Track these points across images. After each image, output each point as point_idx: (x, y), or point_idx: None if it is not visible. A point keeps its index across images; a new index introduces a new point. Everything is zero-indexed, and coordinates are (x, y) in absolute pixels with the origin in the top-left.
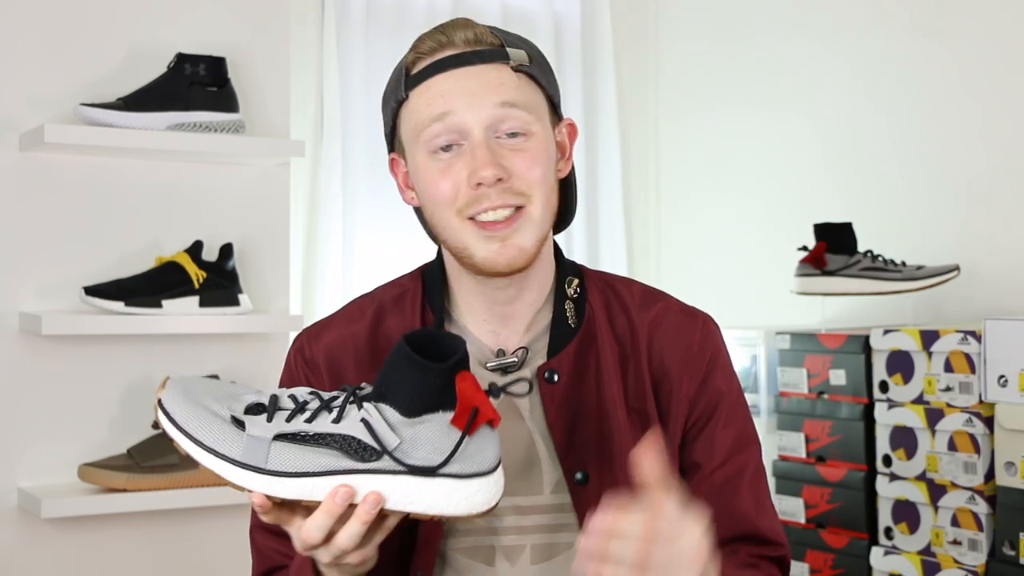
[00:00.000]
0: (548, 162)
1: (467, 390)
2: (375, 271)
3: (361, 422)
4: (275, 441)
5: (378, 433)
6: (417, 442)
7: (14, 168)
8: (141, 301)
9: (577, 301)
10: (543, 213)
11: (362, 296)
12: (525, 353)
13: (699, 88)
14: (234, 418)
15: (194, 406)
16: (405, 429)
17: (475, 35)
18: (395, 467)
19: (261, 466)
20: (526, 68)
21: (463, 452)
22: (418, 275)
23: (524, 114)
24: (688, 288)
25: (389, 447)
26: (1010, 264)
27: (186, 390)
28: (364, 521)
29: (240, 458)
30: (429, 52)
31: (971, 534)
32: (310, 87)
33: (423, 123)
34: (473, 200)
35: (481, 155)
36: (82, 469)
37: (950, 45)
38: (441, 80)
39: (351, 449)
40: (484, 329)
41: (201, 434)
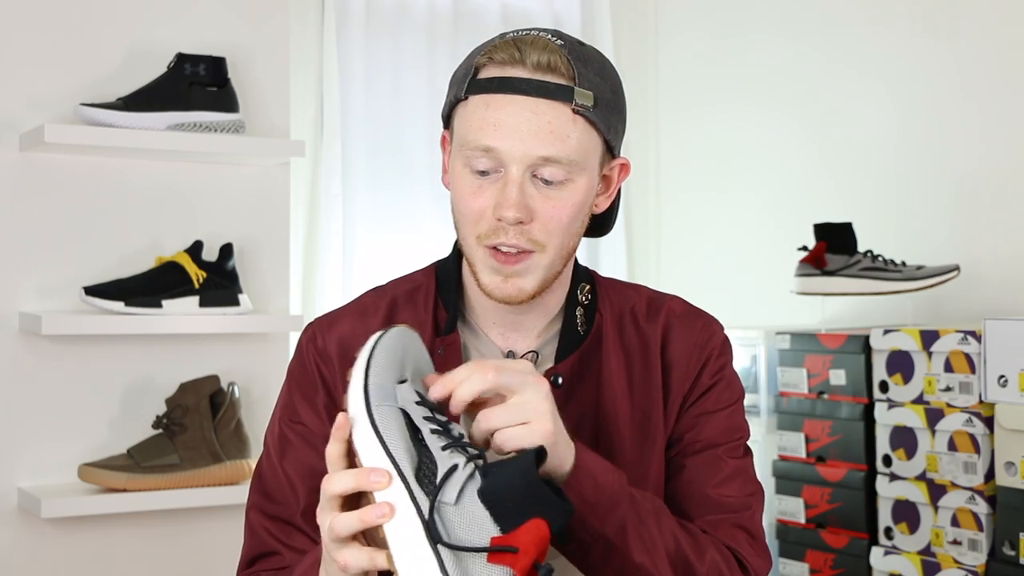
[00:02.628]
0: (579, 208)
1: (529, 538)
2: (375, 271)
3: (451, 466)
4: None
5: (447, 484)
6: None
7: (14, 168)
8: (141, 301)
9: (588, 308)
10: (554, 259)
11: (374, 289)
12: (535, 357)
13: (699, 87)
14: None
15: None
16: (467, 502)
17: (548, 62)
18: (425, 512)
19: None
20: (585, 112)
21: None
22: (432, 271)
23: (563, 170)
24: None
25: (441, 497)
26: (1010, 264)
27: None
28: (362, 519)
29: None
30: (500, 63)
31: (971, 534)
32: (310, 87)
33: (469, 143)
34: (492, 231)
35: (510, 194)
36: (82, 469)
37: (951, 45)
38: (500, 102)
39: (425, 466)
40: (495, 331)
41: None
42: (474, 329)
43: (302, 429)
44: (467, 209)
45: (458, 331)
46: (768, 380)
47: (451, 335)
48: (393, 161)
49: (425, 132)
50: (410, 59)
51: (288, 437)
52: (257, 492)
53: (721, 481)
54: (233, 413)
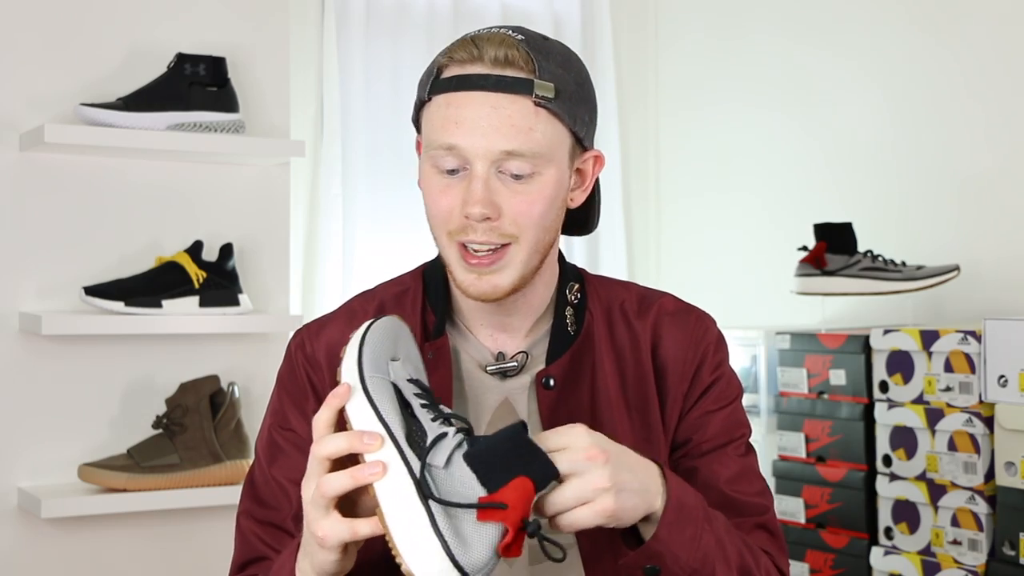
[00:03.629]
0: (550, 201)
1: (515, 496)
2: (375, 271)
3: (440, 433)
4: (392, 384)
5: (437, 446)
6: (449, 480)
7: (14, 168)
8: (141, 301)
9: (577, 307)
10: (530, 253)
11: (362, 293)
12: (525, 357)
13: (699, 87)
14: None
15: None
16: (456, 466)
17: (506, 56)
18: (416, 471)
19: (365, 375)
20: (547, 104)
21: (460, 522)
22: (419, 274)
23: (529, 162)
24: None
25: (431, 460)
26: (1010, 264)
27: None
28: (353, 477)
29: (366, 370)
30: (460, 62)
31: (971, 534)
32: (310, 87)
33: (432, 143)
34: (462, 228)
35: (475, 190)
36: (82, 469)
37: (951, 44)
38: (459, 100)
39: (414, 432)
40: (483, 332)
41: (365, 347)
42: (462, 331)
43: (292, 436)
44: (436, 208)
45: (447, 334)
46: (768, 380)
47: (439, 339)
48: (393, 161)
49: None
50: (410, 59)
51: (279, 444)
52: (248, 498)
53: (735, 478)
54: (233, 413)
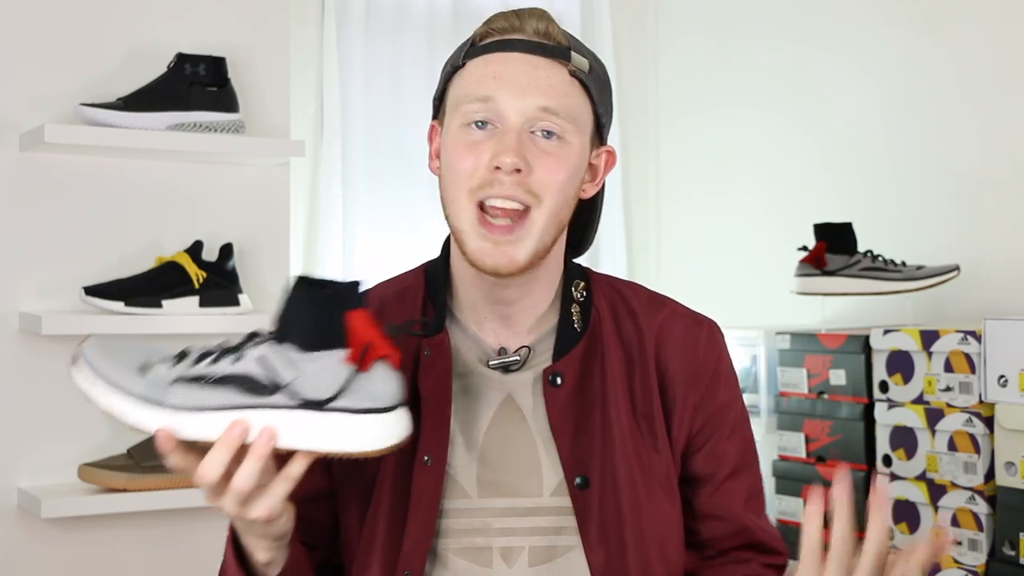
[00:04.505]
0: (573, 174)
1: (359, 326)
2: (375, 271)
3: (257, 359)
4: (176, 383)
5: (272, 368)
6: (313, 378)
7: (14, 168)
8: (141, 301)
9: (583, 305)
10: (548, 223)
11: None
12: (528, 352)
13: (699, 88)
14: (143, 366)
15: (108, 354)
16: (303, 364)
17: (546, 29)
18: (287, 402)
19: (159, 401)
20: (582, 76)
21: (356, 387)
22: (421, 271)
23: (563, 122)
24: (688, 288)
25: (283, 381)
26: (1010, 264)
27: (106, 344)
28: (259, 456)
29: (141, 393)
30: (499, 31)
31: (971, 534)
32: (310, 87)
33: (467, 97)
34: (487, 183)
35: (508, 141)
36: (82, 469)
37: (950, 45)
38: (499, 59)
39: (249, 387)
40: (486, 328)
41: (107, 372)
42: (464, 327)
43: None
44: (461, 165)
45: (446, 331)
46: (768, 380)
47: (437, 336)
48: (393, 161)
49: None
50: (410, 59)
51: None
52: None
53: (753, 507)
54: None
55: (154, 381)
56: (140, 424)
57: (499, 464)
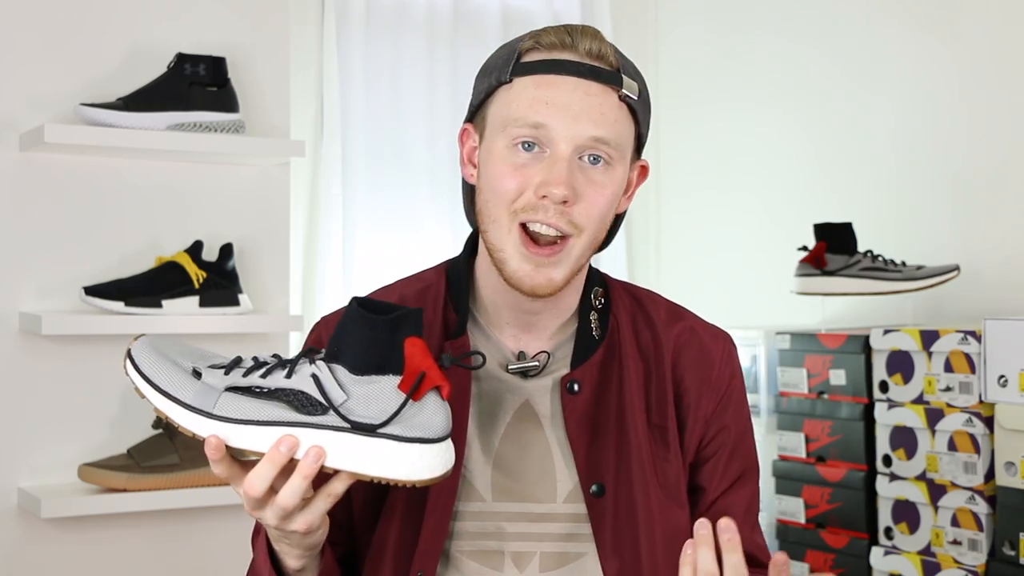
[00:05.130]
0: (613, 199)
1: (415, 355)
2: (375, 271)
3: (311, 377)
4: (227, 392)
5: (325, 388)
6: (364, 401)
7: (14, 168)
8: (141, 301)
9: (602, 312)
10: (585, 249)
11: (383, 288)
12: (547, 358)
13: (699, 87)
14: (194, 370)
15: (160, 357)
16: (353, 387)
17: (599, 50)
18: (339, 423)
19: (208, 411)
20: (632, 101)
21: (407, 416)
22: (443, 270)
23: (612, 150)
24: (688, 288)
25: (335, 402)
26: (1010, 264)
27: (156, 344)
28: (305, 475)
29: (190, 402)
30: (548, 47)
31: (971, 534)
32: (310, 87)
33: (517, 121)
34: (531, 207)
35: (559, 171)
36: (82, 469)
37: (951, 44)
38: (550, 83)
39: (299, 403)
40: (506, 332)
41: (159, 379)
42: (484, 331)
43: None
44: (505, 187)
45: (468, 334)
46: (768, 380)
47: (460, 338)
48: (393, 161)
49: (425, 132)
50: (410, 59)
51: None
52: None
53: (749, 520)
54: None
55: (205, 388)
56: (188, 426)
57: (514, 469)
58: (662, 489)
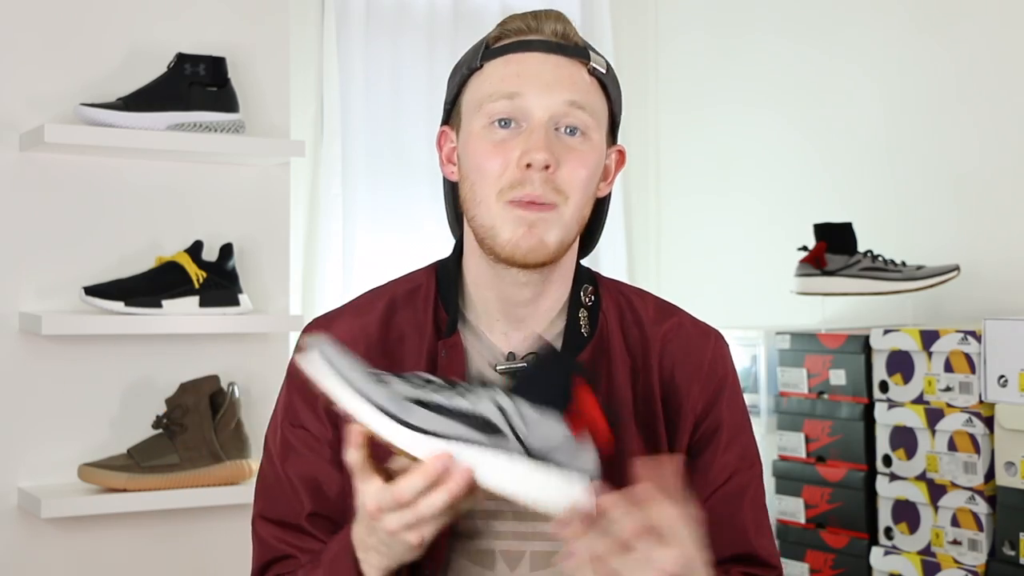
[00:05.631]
0: (594, 170)
1: (586, 402)
2: (375, 271)
3: (493, 403)
4: (413, 403)
5: (508, 415)
6: (538, 430)
7: (14, 168)
8: (141, 301)
9: (591, 310)
10: (573, 218)
11: (374, 289)
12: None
13: (699, 87)
14: (374, 374)
15: (347, 355)
16: (531, 417)
17: (564, 30)
18: (516, 447)
19: (404, 419)
20: (601, 75)
21: (572, 447)
22: (432, 270)
23: (587, 117)
24: (688, 288)
25: (516, 428)
26: (1010, 264)
27: (338, 345)
28: (453, 493)
29: (386, 406)
30: (515, 32)
31: (971, 534)
32: (310, 87)
33: (491, 95)
34: (517, 182)
35: (537, 138)
36: (82, 469)
37: (951, 45)
38: (520, 59)
39: (481, 426)
40: (496, 331)
41: (354, 378)
42: (475, 330)
43: (303, 434)
44: (489, 166)
45: (459, 333)
46: (768, 380)
47: (453, 337)
48: (393, 161)
49: (425, 132)
50: (410, 59)
51: (290, 441)
52: (262, 499)
53: (757, 525)
54: (233, 413)
55: (395, 395)
56: (379, 431)
57: None
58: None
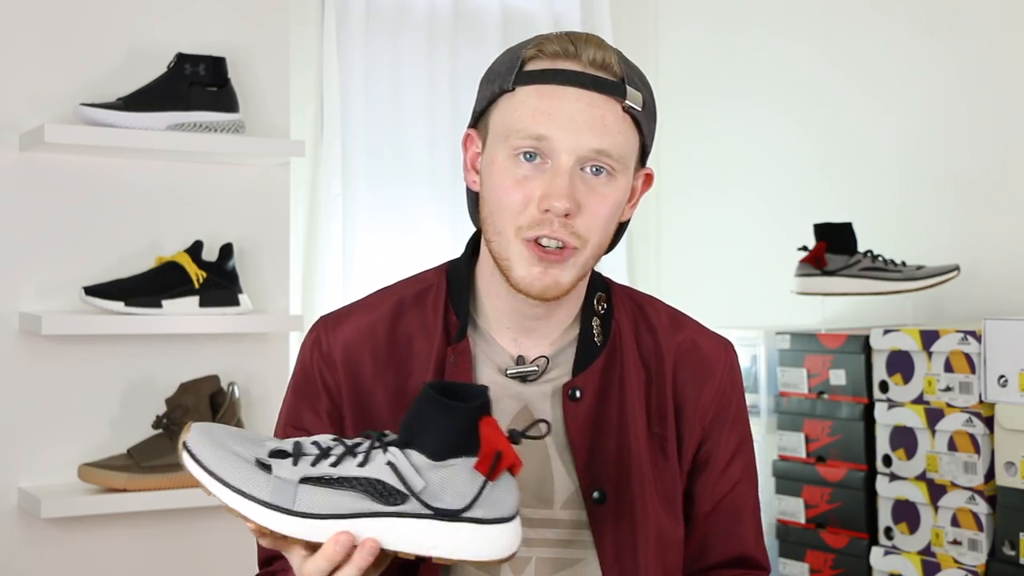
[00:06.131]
0: (616, 209)
1: (490, 435)
2: (375, 271)
3: (387, 465)
4: (302, 484)
5: (404, 476)
6: (442, 486)
7: (14, 168)
8: (141, 301)
9: (604, 317)
10: (590, 258)
11: (383, 288)
12: (546, 363)
13: (699, 87)
14: (259, 461)
15: (220, 448)
16: (430, 473)
17: (603, 59)
18: (421, 510)
19: (289, 507)
20: (635, 112)
21: (486, 497)
22: (443, 272)
23: (614, 163)
24: (688, 287)
25: (415, 489)
26: (1010, 264)
27: (211, 434)
28: (360, 567)
29: (268, 499)
30: (551, 56)
31: (971, 534)
32: (310, 87)
33: (519, 132)
34: (535, 223)
35: (560, 184)
36: (82, 469)
37: (951, 44)
38: (553, 93)
39: (376, 492)
40: (506, 336)
41: (228, 475)
42: (484, 335)
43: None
44: (509, 200)
45: (468, 338)
46: (768, 380)
47: (462, 343)
48: (393, 161)
49: (425, 132)
50: (410, 59)
51: None
52: None
53: (756, 533)
54: (233, 413)
55: (279, 483)
56: (269, 525)
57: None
58: (660, 498)
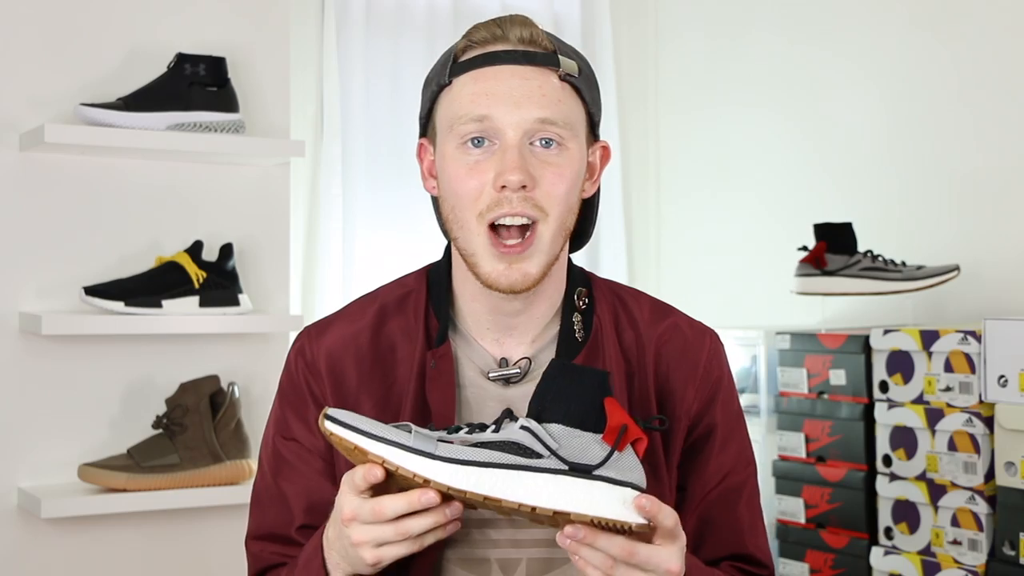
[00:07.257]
0: (575, 180)
1: (615, 411)
2: (375, 271)
3: (522, 429)
4: (440, 442)
5: (540, 436)
6: (574, 449)
7: (14, 168)
8: (141, 301)
9: (585, 313)
10: (555, 234)
11: (365, 295)
12: (529, 364)
13: (699, 87)
14: (396, 426)
15: (361, 416)
16: (564, 439)
17: (531, 35)
18: (558, 465)
19: (432, 452)
20: (573, 79)
21: (615, 462)
22: (423, 275)
23: (561, 130)
24: (688, 288)
25: (552, 447)
26: (1010, 264)
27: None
28: (438, 521)
29: (412, 444)
30: (481, 43)
31: (971, 534)
32: (310, 87)
33: (461, 117)
34: (495, 203)
35: (511, 158)
36: (82, 469)
37: (950, 45)
38: (487, 75)
39: (517, 450)
40: (488, 338)
41: (372, 428)
42: (466, 337)
43: (295, 446)
44: (465, 188)
45: (450, 341)
46: (768, 380)
47: (443, 346)
48: (393, 161)
49: None
50: (410, 59)
51: (283, 455)
52: (254, 516)
53: (752, 525)
54: (233, 413)
55: (422, 436)
56: (416, 471)
57: None
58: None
